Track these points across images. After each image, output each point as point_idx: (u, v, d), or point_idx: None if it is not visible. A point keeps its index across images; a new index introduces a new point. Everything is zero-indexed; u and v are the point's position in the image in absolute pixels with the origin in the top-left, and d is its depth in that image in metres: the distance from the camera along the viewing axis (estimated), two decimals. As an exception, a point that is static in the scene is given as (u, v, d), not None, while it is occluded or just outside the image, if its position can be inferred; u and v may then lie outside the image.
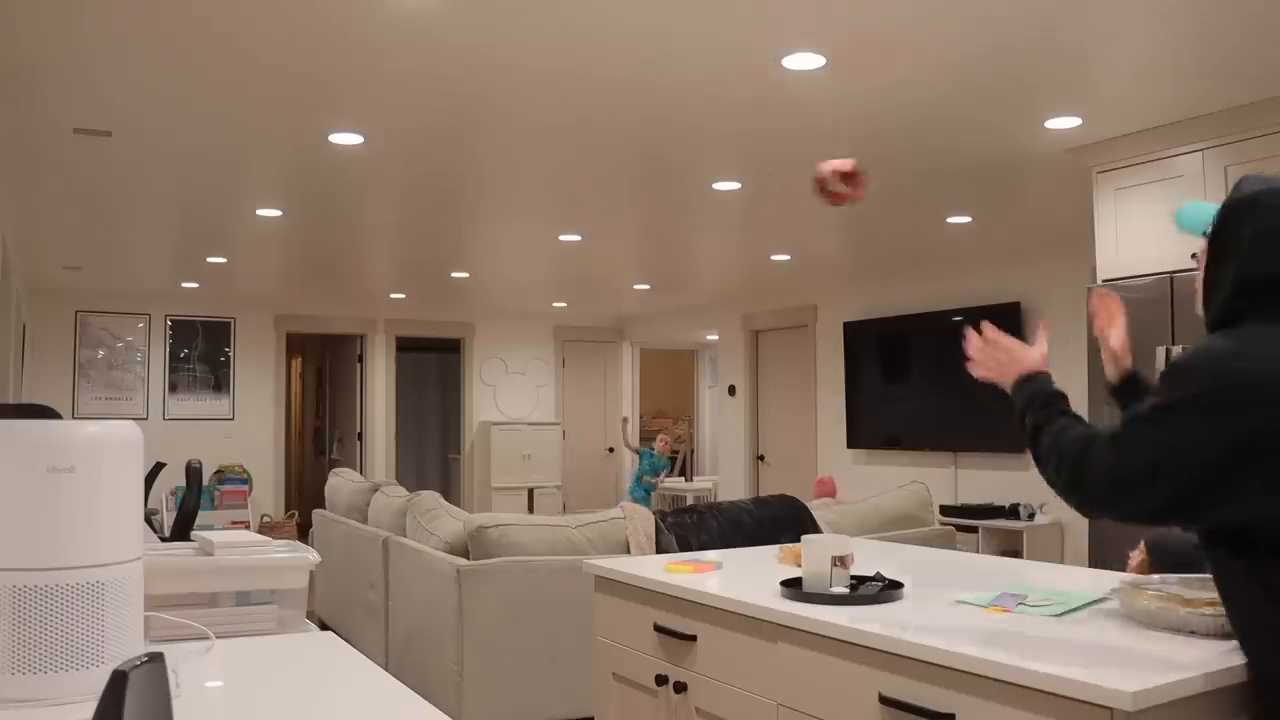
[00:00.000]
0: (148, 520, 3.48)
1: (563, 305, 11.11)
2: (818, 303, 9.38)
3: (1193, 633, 1.78)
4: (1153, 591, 1.92)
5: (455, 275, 8.76)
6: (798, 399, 9.59)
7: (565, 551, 4.20)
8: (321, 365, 12.86)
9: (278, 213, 5.99)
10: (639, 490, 9.76)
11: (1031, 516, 6.96)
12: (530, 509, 11.29)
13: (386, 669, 4.87)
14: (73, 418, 8.40)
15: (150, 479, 3.33)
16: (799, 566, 2.40)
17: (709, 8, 3.04)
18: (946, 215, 6.12)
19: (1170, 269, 4.22)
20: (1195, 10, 3.08)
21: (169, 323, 9.87)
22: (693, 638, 2.38)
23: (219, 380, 10.04)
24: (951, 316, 7.90)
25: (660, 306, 11.30)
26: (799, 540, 2.38)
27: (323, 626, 5.78)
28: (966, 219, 6.23)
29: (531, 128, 4.28)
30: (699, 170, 5.01)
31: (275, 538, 2.14)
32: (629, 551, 4.20)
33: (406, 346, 11.43)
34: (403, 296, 10.42)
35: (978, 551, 6.67)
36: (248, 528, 9.38)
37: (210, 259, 7.74)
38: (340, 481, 6.41)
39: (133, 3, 2.96)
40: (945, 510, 7.17)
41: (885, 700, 1.85)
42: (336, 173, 5.03)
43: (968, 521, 6.98)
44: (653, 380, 13.65)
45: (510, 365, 11.74)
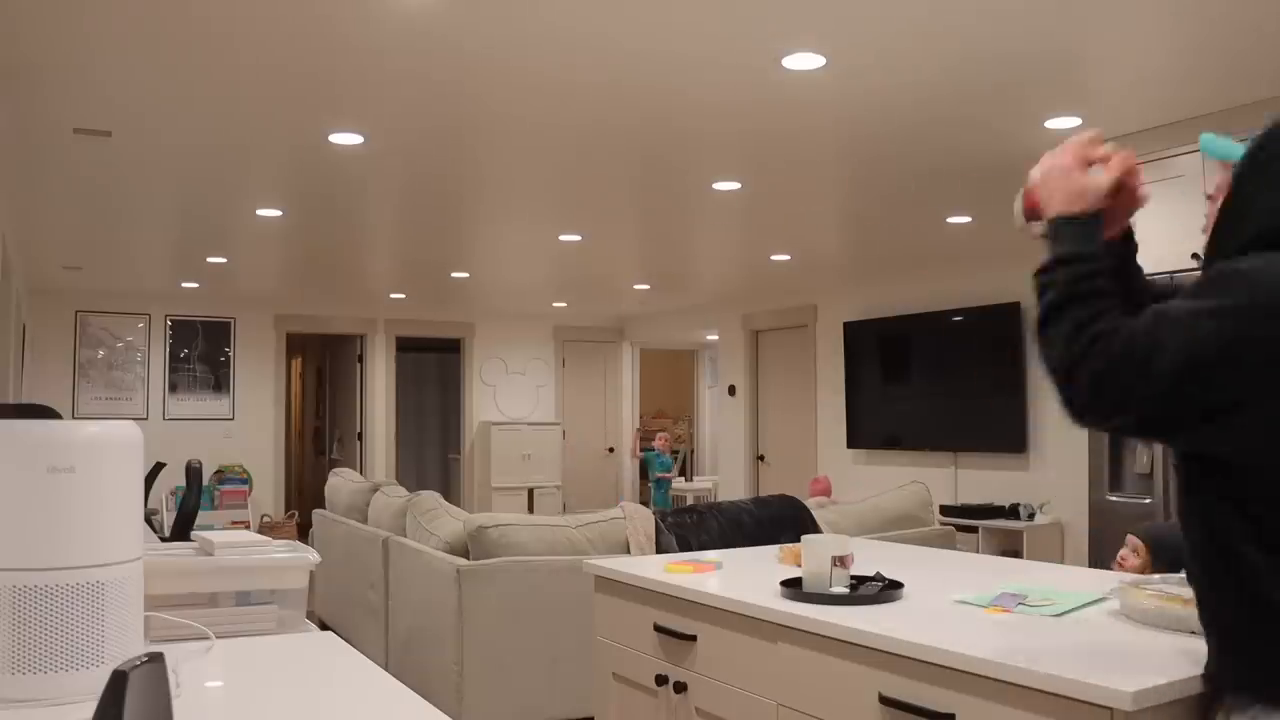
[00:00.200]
0: (148, 520, 3.47)
1: (563, 305, 11.10)
2: (818, 303, 9.38)
3: (1193, 633, 1.78)
4: (1153, 591, 1.92)
5: (455, 275, 8.76)
6: (798, 399, 9.59)
7: (565, 551, 4.20)
8: (321, 365, 12.85)
9: (278, 213, 5.99)
10: (660, 491, 9.83)
11: (1031, 516, 6.96)
12: (530, 509, 11.29)
13: (386, 669, 4.86)
14: (73, 418, 8.38)
15: (150, 479, 3.33)
16: (799, 566, 2.39)
17: (709, 8, 3.04)
18: (946, 215, 6.12)
19: (1170, 269, 4.22)
20: (1195, 11, 3.08)
21: (169, 323, 9.87)
22: (693, 638, 2.38)
23: (219, 380, 10.04)
24: (951, 316, 7.90)
25: (660, 306, 11.30)
26: (799, 540, 2.38)
27: (323, 626, 5.77)
28: (966, 219, 6.23)
29: (532, 128, 4.28)
30: (699, 170, 5.01)
31: (275, 538, 2.14)
32: (629, 551, 4.20)
33: (406, 346, 11.43)
34: (403, 296, 10.41)
35: (978, 551, 6.67)
36: (248, 528, 9.37)
37: (210, 259, 7.74)
38: (340, 481, 6.41)
39: (133, 3, 2.96)
40: (945, 510, 7.17)
41: (885, 700, 1.85)
42: (336, 173, 5.03)
43: (968, 521, 6.98)
44: (653, 380, 13.65)
45: (510, 365, 11.74)
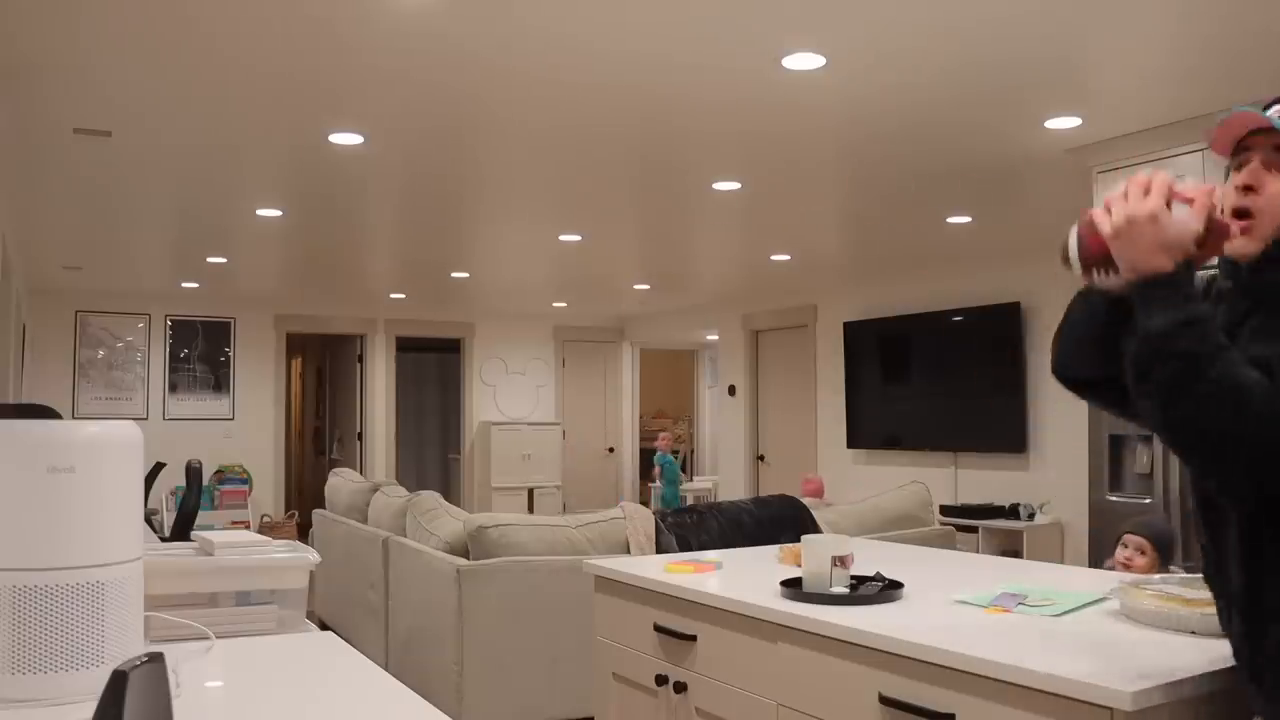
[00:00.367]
0: (148, 520, 3.47)
1: (563, 305, 11.10)
2: (818, 303, 9.38)
3: (1193, 633, 1.78)
4: (1153, 591, 1.92)
5: (455, 275, 8.76)
6: (798, 399, 9.59)
7: (565, 551, 4.20)
8: (321, 365, 12.85)
9: (278, 213, 5.99)
10: (672, 491, 9.88)
11: (1031, 516, 6.96)
12: (530, 509, 11.29)
13: (386, 669, 4.86)
14: (73, 418, 8.38)
15: (150, 479, 3.33)
16: (799, 566, 2.39)
17: (709, 9, 3.04)
18: (946, 215, 6.12)
19: (1170, 269, 4.22)
20: (1195, 11, 3.08)
21: (169, 323, 9.87)
22: (693, 638, 2.38)
23: (219, 380, 10.04)
24: (951, 316, 7.90)
25: (660, 306, 11.30)
26: (799, 540, 2.38)
27: (323, 626, 5.77)
28: (966, 219, 6.23)
29: (532, 128, 4.28)
30: (699, 170, 5.01)
31: (275, 538, 2.14)
32: (629, 551, 4.20)
33: (406, 346, 11.42)
34: (403, 296, 10.41)
35: (978, 551, 6.67)
36: (248, 528, 9.37)
37: (210, 259, 7.74)
38: (340, 481, 6.41)
39: (133, 3, 2.96)
40: (945, 510, 7.17)
41: (885, 700, 1.85)
42: (336, 173, 5.03)
43: (968, 521, 6.98)
44: (653, 380, 13.64)
45: (510, 365, 11.74)
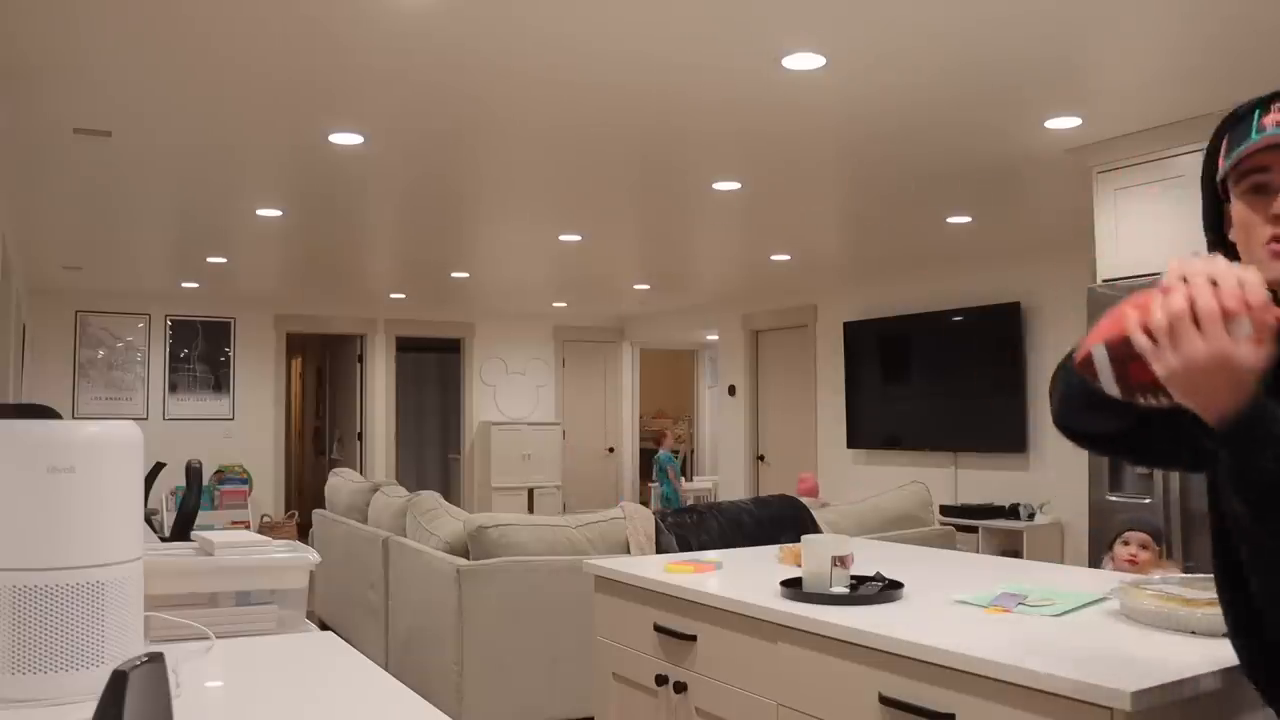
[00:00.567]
0: (148, 520, 3.47)
1: (563, 305, 11.10)
2: (818, 303, 9.38)
3: (1193, 633, 1.78)
4: (1153, 591, 1.92)
5: (455, 275, 8.76)
6: (798, 399, 9.59)
7: (565, 551, 4.20)
8: (321, 365, 12.85)
9: (278, 213, 5.99)
10: (670, 488, 9.90)
11: (1031, 516, 6.96)
12: (530, 509, 11.29)
13: (386, 669, 4.86)
14: (73, 418, 8.39)
15: (150, 479, 3.33)
16: (799, 566, 2.39)
17: (709, 9, 3.04)
18: (946, 215, 6.12)
19: (1170, 269, 4.21)
20: (1195, 11, 3.08)
21: (169, 323, 9.87)
22: (693, 638, 2.38)
23: (219, 380, 10.04)
24: (951, 316, 7.90)
25: (660, 306, 11.29)
26: (799, 540, 2.38)
27: (323, 626, 5.77)
28: (966, 219, 6.23)
29: (532, 129, 4.28)
30: (699, 170, 5.01)
31: (275, 538, 2.14)
32: (629, 551, 4.20)
33: (406, 346, 11.43)
34: (403, 296, 10.41)
35: (978, 551, 6.67)
36: (248, 528, 9.37)
37: (210, 259, 7.74)
38: (340, 481, 6.41)
39: (133, 3, 2.96)
40: (945, 510, 7.17)
41: (885, 700, 1.85)
42: (336, 173, 5.03)
43: (968, 521, 6.98)
44: (653, 380, 13.65)
45: (510, 365, 11.74)
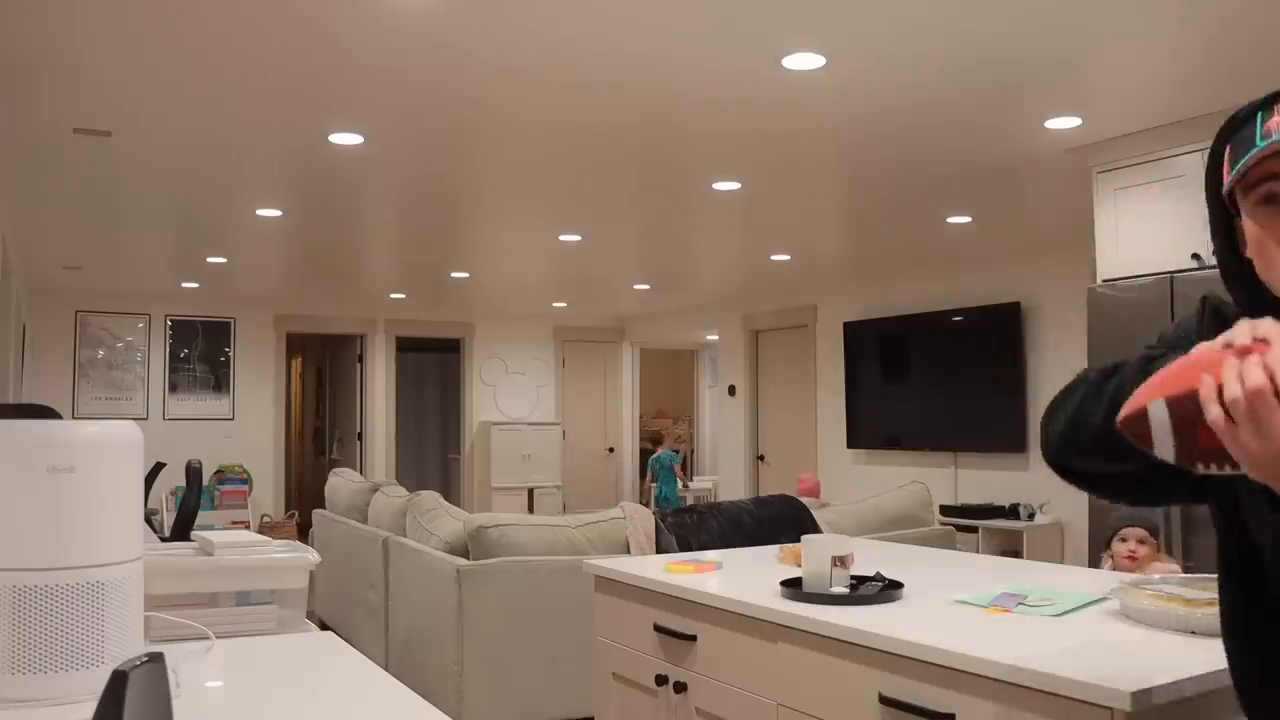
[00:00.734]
0: (148, 520, 3.47)
1: (563, 305, 11.10)
2: (818, 303, 9.38)
3: (1193, 633, 1.78)
4: (1152, 591, 1.92)
5: (455, 275, 8.76)
6: (798, 399, 9.59)
7: (565, 551, 4.20)
8: (321, 365, 12.85)
9: (278, 213, 5.99)
10: (670, 488, 9.90)
11: (1031, 516, 6.96)
12: (530, 509, 11.29)
13: (386, 669, 4.86)
14: (73, 418, 8.39)
15: (150, 479, 3.33)
16: (799, 566, 2.39)
17: (709, 9, 3.04)
18: (946, 215, 6.12)
19: (1171, 269, 4.22)
20: (1196, 11, 3.08)
21: (169, 323, 9.87)
22: (693, 638, 2.38)
23: (219, 380, 10.04)
24: (951, 316, 7.90)
25: (660, 306, 11.29)
26: (799, 540, 2.38)
27: (323, 626, 5.77)
28: (966, 219, 6.23)
29: (531, 129, 4.28)
30: (699, 170, 5.01)
31: (275, 538, 2.14)
32: (629, 551, 4.20)
33: (406, 346, 11.42)
34: (403, 296, 10.41)
35: (978, 551, 6.67)
36: (248, 528, 9.37)
37: (210, 259, 7.74)
38: (340, 481, 6.41)
39: (133, 3, 2.96)
40: (945, 510, 7.17)
41: (885, 700, 1.85)
42: (336, 173, 5.03)
43: (968, 521, 6.98)
44: (653, 380, 13.64)
45: (510, 365, 11.74)
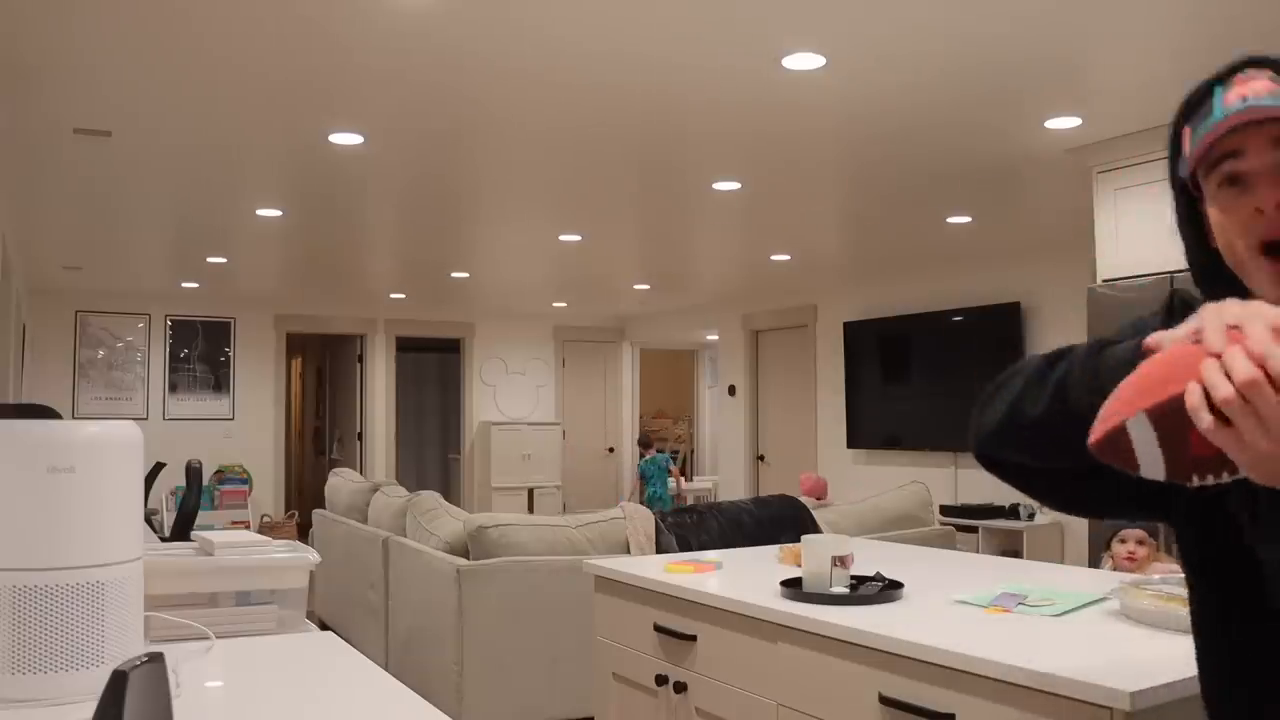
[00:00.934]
0: (148, 520, 3.47)
1: (563, 305, 11.10)
2: (818, 303, 9.38)
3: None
4: (1152, 591, 1.92)
5: (455, 275, 8.76)
6: (798, 399, 9.59)
7: (565, 551, 4.20)
8: (321, 365, 12.85)
9: (278, 213, 5.99)
10: (663, 489, 9.90)
11: (1031, 516, 6.96)
12: (530, 509, 11.29)
13: (386, 669, 4.86)
14: (73, 418, 8.39)
15: (150, 479, 3.33)
16: (799, 566, 2.40)
17: (709, 9, 3.04)
18: (946, 215, 6.12)
19: (1171, 269, 4.22)
20: (1196, 11, 3.08)
21: (169, 323, 9.87)
22: (693, 638, 2.38)
23: (219, 380, 10.04)
24: (951, 316, 7.90)
25: (660, 306, 11.30)
26: (799, 540, 2.38)
27: (323, 626, 5.77)
28: (966, 219, 6.23)
29: (531, 129, 4.28)
30: (699, 170, 5.01)
31: (275, 538, 2.14)
32: (629, 551, 4.20)
33: (406, 346, 11.43)
34: (403, 296, 10.41)
35: (978, 551, 6.67)
36: (248, 528, 9.37)
37: (210, 259, 7.74)
38: (340, 481, 6.41)
39: (132, 3, 2.96)
40: (945, 510, 7.17)
41: (885, 700, 1.85)
42: (336, 173, 5.03)
43: (968, 521, 6.97)
44: (653, 380, 13.65)
45: (510, 365, 11.74)
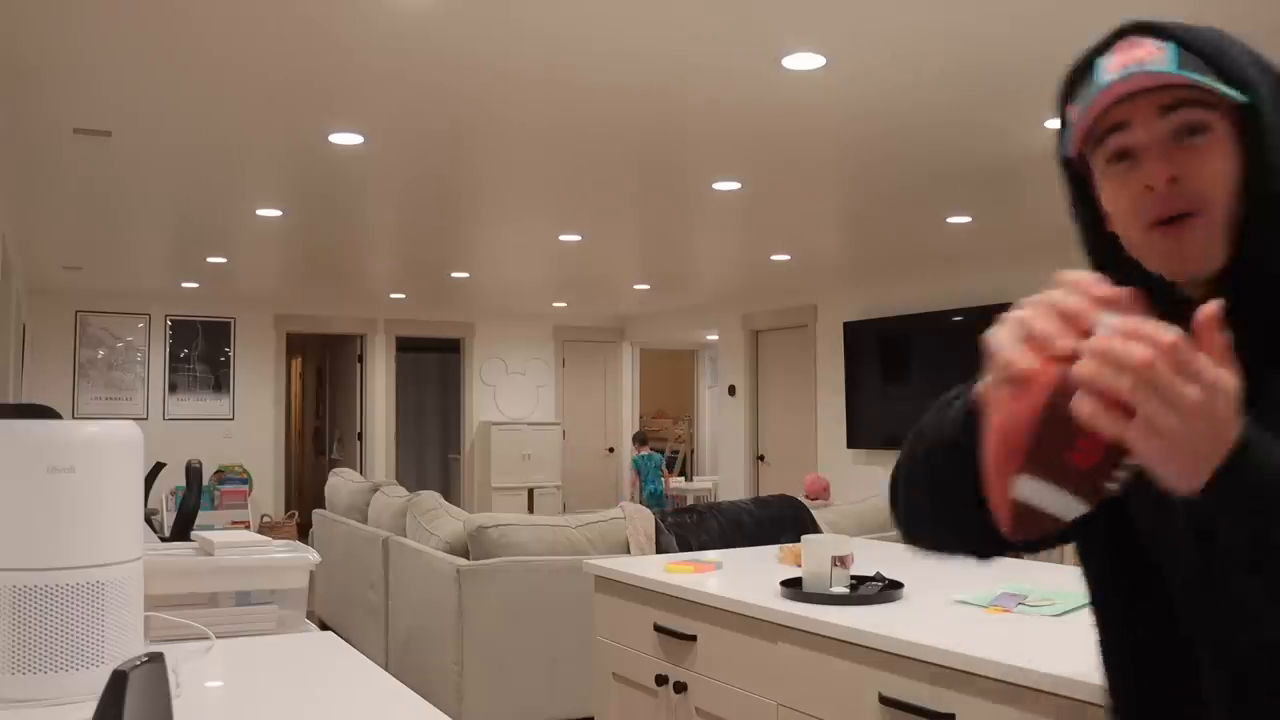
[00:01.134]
0: (148, 520, 3.47)
1: (563, 305, 11.10)
2: (818, 303, 9.37)
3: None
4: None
5: (455, 275, 8.76)
6: (798, 399, 9.58)
7: (565, 551, 4.20)
8: (321, 365, 12.85)
9: (278, 213, 5.99)
10: (658, 485, 9.91)
11: (1031, 516, 6.95)
12: (530, 509, 11.29)
13: (386, 669, 4.86)
14: (73, 418, 8.39)
15: (150, 479, 3.33)
16: (799, 566, 2.40)
17: (709, 9, 3.04)
18: (946, 215, 6.12)
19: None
20: (1197, 11, 3.08)
21: (169, 323, 9.87)
22: (693, 638, 2.38)
23: (219, 380, 10.04)
24: (951, 316, 7.90)
25: (660, 306, 11.29)
26: (799, 540, 2.38)
27: (323, 626, 5.77)
28: (966, 219, 6.23)
29: (531, 129, 4.28)
30: (699, 170, 5.01)
31: (275, 538, 2.14)
32: (629, 551, 4.20)
33: (406, 346, 11.43)
34: (403, 296, 10.41)
35: (978, 551, 6.66)
36: (248, 528, 9.37)
37: (210, 259, 7.74)
38: (340, 481, 6.41)
39: (132, 4, 2.96)
40: (945, 510, 7.16)
41: (885, 700, 1.85)
42: (336, 173, 5.03)
43: (968, 521, 6.96)
44: (653, 380, 13.65)
45: (510, 365, 11.74)
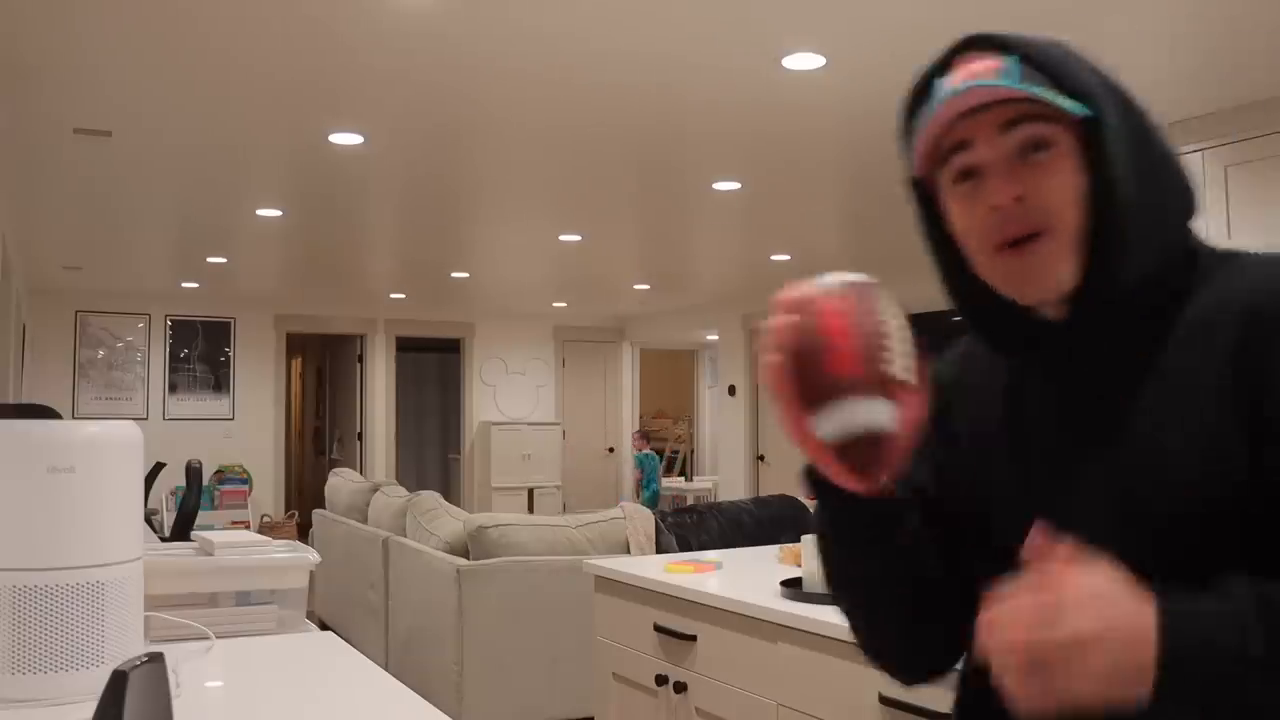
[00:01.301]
0: (148, 520, 3.48)
1: (563, 305, 11.10)
2: (818, 303, 9.37)
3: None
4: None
5: (455, 275, 8.76)
6: (798, 399, 9.58)
7: (565, 551, 4.20)
8: (321, 365, 12.85)
9: (278, 213, 5.99)
10: (655, 484, 9.93)
11: (1031, 516, 6.95)
12: (530, 509, 11.29)
13: (386, 669, 4.86)
14: (73, 418, 8.39)
15: (150, 479, 3.33)
16: (799, 566, 2.40)
17: (709, 8, 3.04)
18: (946, 215, 6.12)
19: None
20: (1197, 11, 3.08)
21: (169, 323, 9.87)
22: (693, 638, 2.38)
23: (219, 380, 10.04)
24: (952, 316, 7.89)
25: (660, 306, 11.29)
26: (799, 540, 2.38)
27: (323, 626, 5.77)
28: (966, 219, 6.23)
29: (532, 129, 4.28)
30: (699, 170, 5.01)
31: (275, 538, 2.14)
32: (629, 551, 4.20)
33: (406, 346, 11.43)
34: (403, 296, 10.41)
35: (978, 551, 6.66)
36: (248, 528, 9.37)
37: (210, 259, 7.74)
38: (340, 481, 6.41)
39: (133, 3, 2.96)
40: (945, 510, 7.16)
41: (885, 700, 1.85)
42: (336, 173, 5.03)
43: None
44: (653, 380, 13.65)
45: (510, 365, 11.74)
